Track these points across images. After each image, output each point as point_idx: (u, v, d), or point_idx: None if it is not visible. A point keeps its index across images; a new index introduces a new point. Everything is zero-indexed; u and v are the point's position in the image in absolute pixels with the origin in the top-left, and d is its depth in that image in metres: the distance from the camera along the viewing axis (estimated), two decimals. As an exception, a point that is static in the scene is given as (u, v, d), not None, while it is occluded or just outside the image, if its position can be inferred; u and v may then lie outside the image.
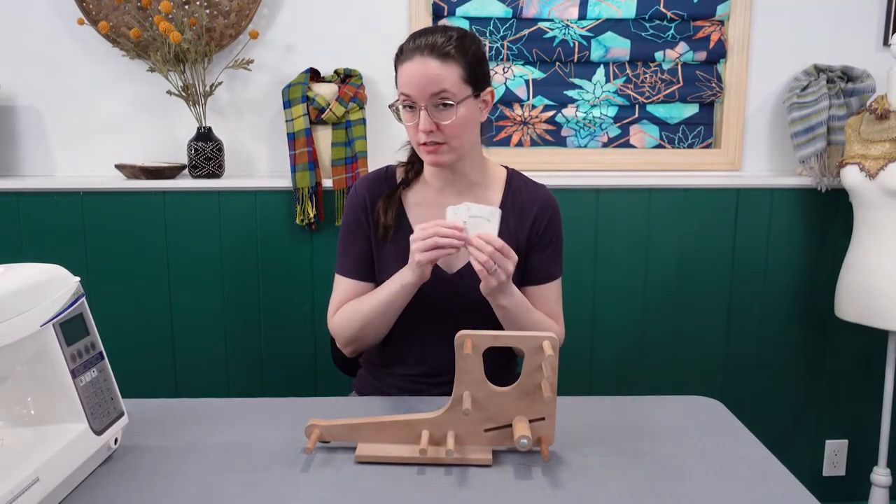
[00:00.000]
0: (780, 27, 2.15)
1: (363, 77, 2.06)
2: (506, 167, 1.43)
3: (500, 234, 1.20)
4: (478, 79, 1.27)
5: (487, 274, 1.18)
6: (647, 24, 2.14)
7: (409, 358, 1.38)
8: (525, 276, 1.39)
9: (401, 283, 1.26)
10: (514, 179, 1.40)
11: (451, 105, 1.24)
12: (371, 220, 1.37)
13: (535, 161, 2.18)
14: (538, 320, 1.32)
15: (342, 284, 1.40)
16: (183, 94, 1.99)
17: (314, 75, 2.07)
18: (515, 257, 1.20)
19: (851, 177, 1.91)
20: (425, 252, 1.18)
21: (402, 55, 1.27)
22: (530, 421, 1.04)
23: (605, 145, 2.22)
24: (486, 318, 1.30)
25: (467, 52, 1.25)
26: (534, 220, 1.37)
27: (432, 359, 1.36)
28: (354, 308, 1.35)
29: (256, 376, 2.09)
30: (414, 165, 1.40)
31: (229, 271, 2.04)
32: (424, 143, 1.27)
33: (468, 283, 1.31)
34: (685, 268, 2.11)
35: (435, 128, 1.24)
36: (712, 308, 2.14)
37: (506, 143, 2.20)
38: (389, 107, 1.32)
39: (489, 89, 1.31)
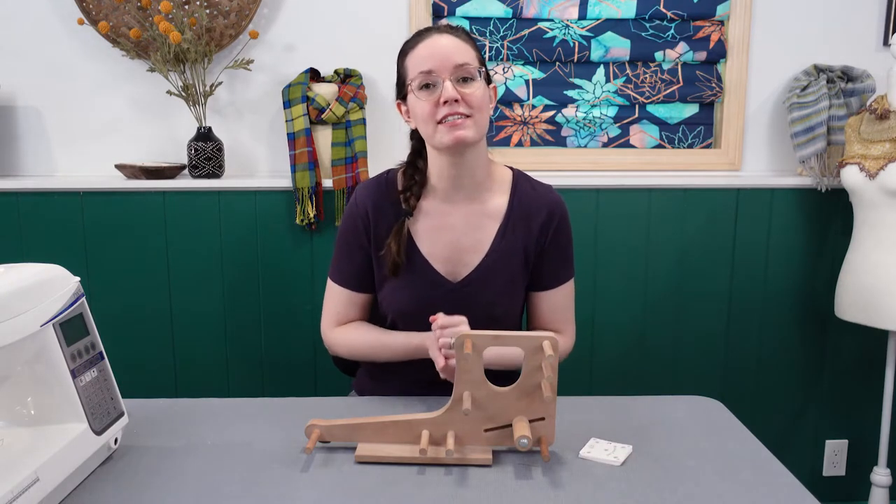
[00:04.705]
0: (780, 27, 2.15)
1: (363, 77, 2.06)
2: (511, 168, 1.40)
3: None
4: (485, 70, 1.30)
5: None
6: (647, 24, 2.14)
7: (411, 366, 1.36)
8: (533, 282, 1.37)
9: (418, 348, 1.29)
10: (521, 183, 1.37)
11: (474, 78, 1.24)
12: (371, 235, 1.34)
13: (535, 161, 2.18)
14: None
15: (337, 294, 1.38)
16: (183, 94, 1.99)
17: (314, 75, 2.07)
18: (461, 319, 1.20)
19: (851, 177, 1.91)
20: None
21: (411, 44, 1.27)
22: (530, 421, 1.04)
23: (605, 145, 2.22)
24: (489, 325, 1.29)
25: (475, 43, 1.30)
26: (541, 227, 1.34)
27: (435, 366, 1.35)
28: (360, 341, 1.36)
29: (256, 376, 2.09)
30: (413, 189, 1.34)
31: (229, 271, 2.04)
32: (444, 121, 1.22)
33: (472, 292, 1.32)
34: (685, 268, 2.11)
35: (459, 98, 1.22)
36: (712, 308, 2.13)
37: (506, 143, 2.20)
38: (399, 96, 1.31)
39: (493, 85, 1.32)
